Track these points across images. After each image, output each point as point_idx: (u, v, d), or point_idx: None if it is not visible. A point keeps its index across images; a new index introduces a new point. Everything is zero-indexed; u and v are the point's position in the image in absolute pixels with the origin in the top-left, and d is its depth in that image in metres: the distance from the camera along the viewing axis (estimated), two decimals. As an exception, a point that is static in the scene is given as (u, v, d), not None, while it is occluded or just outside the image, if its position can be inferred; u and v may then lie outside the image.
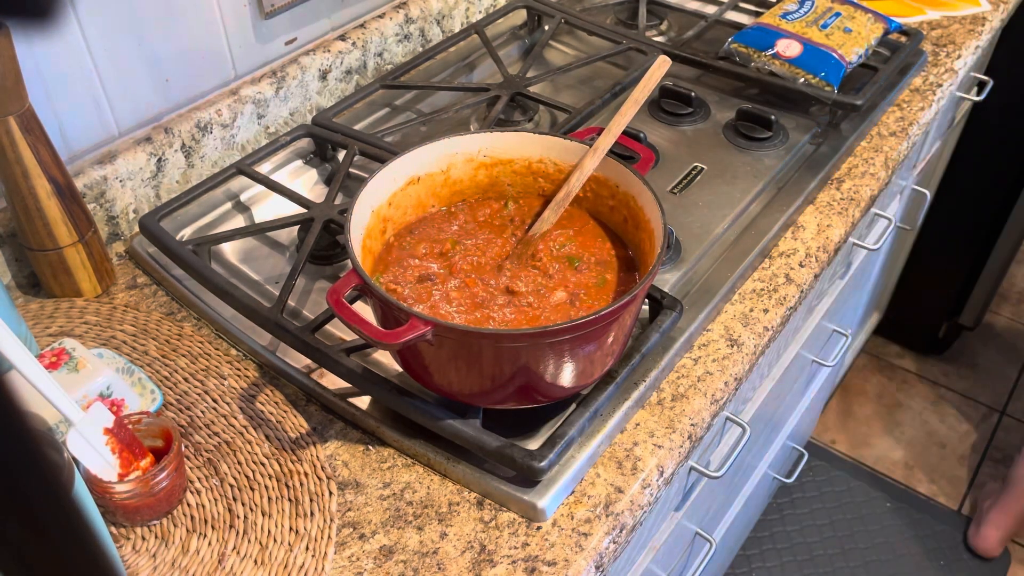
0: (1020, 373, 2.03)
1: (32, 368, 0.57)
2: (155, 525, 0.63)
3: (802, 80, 1.01)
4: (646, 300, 0.76)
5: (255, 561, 0.61)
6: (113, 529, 0.63)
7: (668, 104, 1.02)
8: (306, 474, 0.66)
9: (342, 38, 1.03)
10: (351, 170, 0.90)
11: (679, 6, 1.21)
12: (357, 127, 1.00)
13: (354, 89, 1.06)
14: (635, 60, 1.10)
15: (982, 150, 1.68)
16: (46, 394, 0.58)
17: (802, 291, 0.84)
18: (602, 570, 0.63)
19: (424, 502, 0.65)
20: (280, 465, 0.67)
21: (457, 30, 1.17)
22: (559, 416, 0.69)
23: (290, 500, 0.65)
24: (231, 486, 0.66)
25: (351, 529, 0.64)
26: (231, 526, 0.63)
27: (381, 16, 1.08)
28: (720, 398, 0.74)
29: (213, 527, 0.63)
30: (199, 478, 0.66)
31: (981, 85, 1.37)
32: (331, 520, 0.64)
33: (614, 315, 0.59)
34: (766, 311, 0.80)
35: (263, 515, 0.64)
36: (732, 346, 0.77)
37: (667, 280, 0.81)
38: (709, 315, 0.78)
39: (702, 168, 0.94)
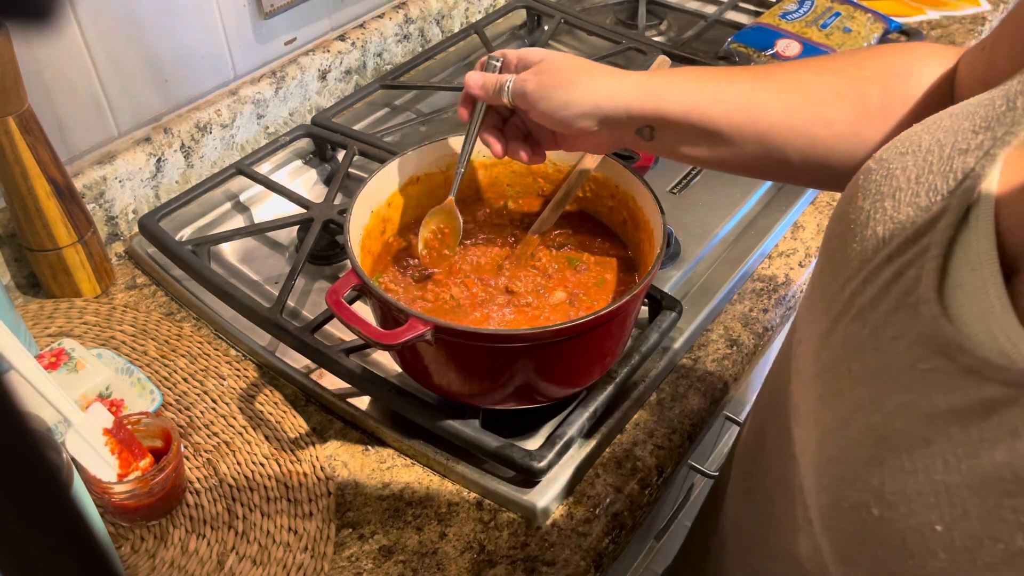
0: (1020, 373, 2.03)
1: (32, 368, 0.57)
2: (155, 525, 0.63)
3: (802, 80, 1.01)
4: (646, 300, 0.76)
5: (254, 561, 0.61)
6: (113, 529, 0.63)
7: (668, 104, 1.02)
8: (305, 474, 0.66)
9: (342, 38, 1.03)
10: (350, 170, 0.90)
11: (679, 6, 1.21)
12: (357, 127, 1.00)
13: (354, 89, 1.06)
14: (635, 60, 1.10)
15: (982, 150, 1.67)
16: (45, 394, 0.58)
17: (802, 291, 0.83)
18: (602, 570, 0.63)
19: (424, 502, 0.65)
20: (280, 465, 0.67)
21: (457, 30, 1.17)
22: (559, 416, 0.69)
23: (289, 500, 0.65)
24: (231, 486, 0.66)
25: (351, 529, 0.64)
26: (230, 526, 0.63)
27: (381, 16, 1.08)
28: (720, 398, 0.74)
29: (213, 527, 0.63)
30: (199, 478, 0.66)
31: (981, 85, 1.37)
32: (330, 520, 0.64)
33: (613, 315, 0.59)
34: (766, 311, 0.80)
35: (263, 515, 0.64)
36: (732, 346, 0.77)
37: (667, 280, 0.81)
38: (709, 315, 0.78)
39: (702, 168, 0.94)
